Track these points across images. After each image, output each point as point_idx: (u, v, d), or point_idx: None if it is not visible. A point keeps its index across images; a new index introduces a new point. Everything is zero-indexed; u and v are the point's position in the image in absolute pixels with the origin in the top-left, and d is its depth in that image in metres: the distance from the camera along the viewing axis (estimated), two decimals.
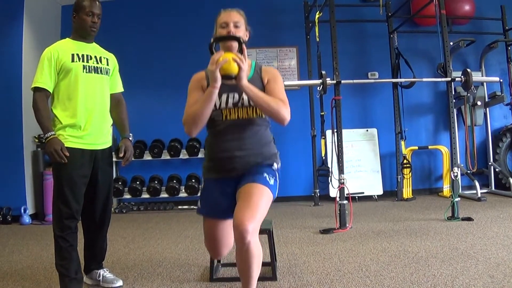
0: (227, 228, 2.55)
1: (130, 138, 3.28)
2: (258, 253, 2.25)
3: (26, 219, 6.05)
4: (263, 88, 2.48)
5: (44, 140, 2.87)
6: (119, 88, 3.31)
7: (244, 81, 2.26)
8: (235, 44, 2.35)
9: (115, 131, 3.32)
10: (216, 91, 2.28)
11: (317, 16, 5.86)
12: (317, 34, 5.99)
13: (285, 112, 2.36)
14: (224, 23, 2.43)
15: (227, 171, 2.49)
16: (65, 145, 2.84)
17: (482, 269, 3.08)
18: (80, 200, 2.93)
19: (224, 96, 2.41)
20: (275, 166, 2.53)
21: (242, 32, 2.45)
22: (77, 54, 2.95)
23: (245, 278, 2.32)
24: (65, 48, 2.96)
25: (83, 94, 2.92)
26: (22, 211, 6.04)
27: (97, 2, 3.02)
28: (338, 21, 5.27)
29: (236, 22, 2.43)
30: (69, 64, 2.90)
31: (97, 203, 3.09)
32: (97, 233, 3.16)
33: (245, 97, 2.40)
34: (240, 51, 2.28)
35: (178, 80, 7.38)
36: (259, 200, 2.29)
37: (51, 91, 2.91)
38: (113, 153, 3.26)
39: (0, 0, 6.29)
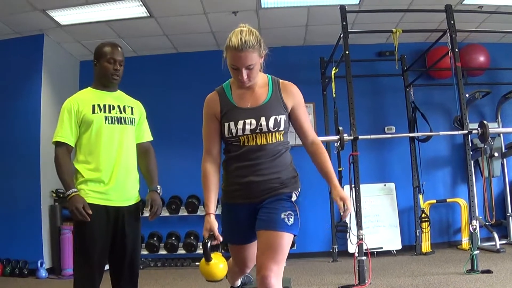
0: (252, 248, 2.54)
1: (158, 191, 3.06)
2: None
3: (43, 273, 6.02)
4: (285, 109, 2.43)
5: (66, 198, 2.68)
6: (147, 137, 3.14)
7: None
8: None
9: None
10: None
11: (333, 72, 5.88)
12: (333, 90, 6.02)
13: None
14: (235, 66, 2.31)
15: (244, 198, 2.43)
16: (88, 201, 2.66)
17: None
18: (103, 260, 2.75)
19: (240, 123, 2.36)
20: (294, 196, 2.46)
21: (257, 66, 2.34)
22: (98, 105, 2.80)
23: None
24: (86, 99, 2.82)
25: (106, 147, 2.76)
26: (39, 264, 6.02)
27: (119, 48, 2.88)
28: (354, 76, 5.29)
29: (248, 65, 2.29)
30: (90, 116, 2.75)
31: (123, 262, 2.83)
32: None
33: (263, 122, 2.35)
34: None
35: (195, 137, 7.39)
36: (280, 245, 2.29)
37: (72, 145, 2.76)
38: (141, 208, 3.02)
39: (20, 56, 6.53)
